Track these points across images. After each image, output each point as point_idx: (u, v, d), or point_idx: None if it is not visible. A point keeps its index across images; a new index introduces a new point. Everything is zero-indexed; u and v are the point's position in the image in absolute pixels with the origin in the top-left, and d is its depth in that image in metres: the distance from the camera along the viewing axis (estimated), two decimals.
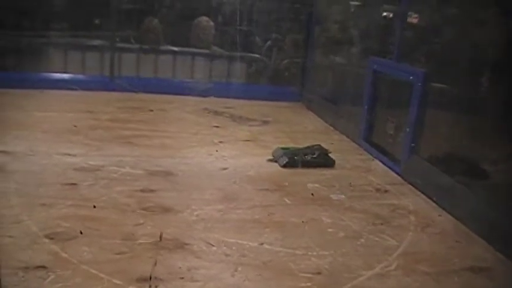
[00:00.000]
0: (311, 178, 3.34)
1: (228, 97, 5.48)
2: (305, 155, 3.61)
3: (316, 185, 3.23)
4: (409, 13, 3.83)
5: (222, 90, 5.62)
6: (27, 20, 5.38)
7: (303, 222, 2.68)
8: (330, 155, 3.72)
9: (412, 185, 3.38)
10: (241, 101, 5.41)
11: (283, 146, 3.78)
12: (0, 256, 2.01)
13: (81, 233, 2.31)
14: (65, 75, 5.44)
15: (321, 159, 3.64)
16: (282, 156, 3.57)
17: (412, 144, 3.50)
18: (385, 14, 4.38)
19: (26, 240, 2.21)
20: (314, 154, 3.65)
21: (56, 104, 4.71)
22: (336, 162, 3.70)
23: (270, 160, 3.60)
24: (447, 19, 3.54)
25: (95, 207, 2.60)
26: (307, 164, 3.55)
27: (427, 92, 3.43)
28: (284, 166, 3.50)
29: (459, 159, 3.19)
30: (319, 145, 3.81)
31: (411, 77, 3.53)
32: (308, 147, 3.75)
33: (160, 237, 2.34)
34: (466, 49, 3.23)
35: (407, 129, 3.54)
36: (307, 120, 5.07)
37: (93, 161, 3.27)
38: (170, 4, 6.03)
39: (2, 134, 3.51)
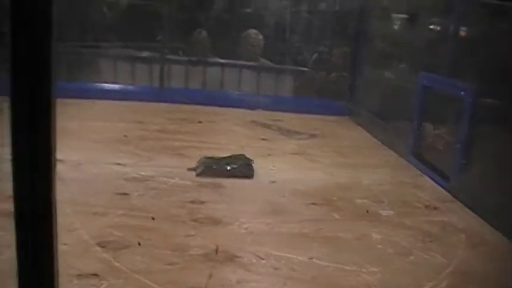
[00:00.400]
0: (360, 193, 3.33)
1: (275, 110, 5.50)
2: (226, 165, 3.47)
3: (365, 201, 3.21)
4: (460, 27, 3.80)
5: (270, 103, 5.64)
6: (79, 31, 5.51)
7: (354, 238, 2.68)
8: (253, 165, 3.56)
9: (461, 202, 3.33)
10: (289, 114, 5.43)
11: (209, 155, 3.64)
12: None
13: (139, 244, 2.34)
14: (116, 86, 5.55)
15: (241, 170, 3.46)
16: (201, 165, 3.46)
17: (462, 161, 3.46)
18: (432, 27, 4.35)
19: (79, 248, 2.26)
20: (235, 164, 3.50)
21: (106, 114, 4.80)
22: (384, 177, 3.68)
23: (190, 169, 3.45)
24: (500, 32, 3.49)
25: (153, 219, 2.63)
26: (224, 174, 3.38)
27: (478, 108, 3.38)
28: (199, 175, 3.35)
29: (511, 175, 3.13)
30: (243, 155, 3.66)
31: (462, 93, 3.49)
32: (231, 157, 3.61)
33: (216, 251, 2.35)
34: None
35: (458, 146, 3.50)
36: (355, 134, 5.05)
37: (144, 171, 3.33)
38: (218, 16, 6.10)
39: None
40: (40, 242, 1.19)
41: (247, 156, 3.63)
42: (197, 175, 3.34)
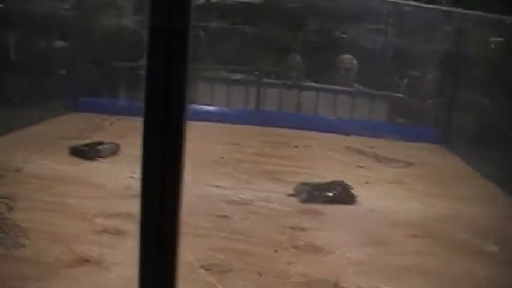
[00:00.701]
0: (460, 226, 3.24)
1: (368, 136, 5.46)
2: (326, 191, 3.43)
3: (467, 235, 3.13)
4: None
5: (363, 129, 5.60)
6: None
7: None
8: (352, 191, 3.53)
9: None
10: (382, 140, 5.36)
11: (305, 181, 3.64)
12: None
13: (260, 275, 2.36)
14: (212, 108, 5.67)
15: (342, 196, 3.43)
16: (303, 191, 3.43)
17: None
18: None
19: (183, 270, 2.31)
20: (336, 190, 3.46)
21: (203, 135, 4.90)
22: (485, 210, 3.58)
23: (291, 195, 3.45)
24: None
25: (276, 251, 2.63)
26: (326, 201, 3.35)
27: None
28: (303, 202, 3.33)
29: None
30: (342, 181, 3.63)
31: None
32: (329, 183, 3.59)
33: (336, 286, 2.35)
34: None
35: None
36: (450, 163, 4.94)
37: (243, 194, 3.38)
38: (312, 40, 6.13)
39: None
40: (164, 261, 1.24)
41: (345, 182, 3.62)
42: (301, 202, 3.34)
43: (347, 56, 6.02)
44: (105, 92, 5.80)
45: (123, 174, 3.51)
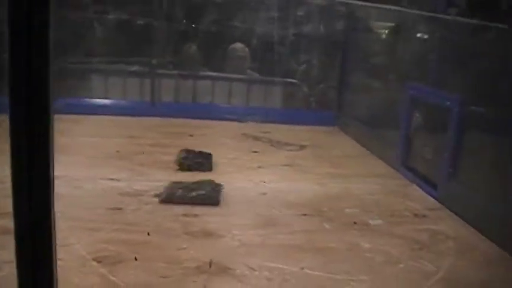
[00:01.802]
0: (349, 203, 3.38)
1: (264, 122, 5.56)
2: (192, 191, 3.25)
3: (355, 210, 3.27)
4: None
5: (259, 115, 5.69)
6: (70, 47, 5.55)
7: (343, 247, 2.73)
8: (222, 191, 3.37)
9: (450, 210, 3.39)
10: (278, 126, 5.49)
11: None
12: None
13: (135, 259, 2.39)
14: (107, 101, 5.60)
15: (207, 196, 3.22)
16: (166, 191, 3.26)
17: (450, 169, 3.52)
18: (419, 35, 4.42)
19: (75, 263, 2.31)
20: (203, 190, 3.27)
21: (99, 129, 4.85)
22: (374, 187, 3.75)
23: (156, 195, 3.25)
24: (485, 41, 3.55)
25: (148, 234, 2.67)
26: (188, 201, 3.15)
27: (465, 117, 3.45)
28: (162, 202, 3.15)
29: (498, 182, 3.18)
30: (212, 180, 3.47)
31: (448, 103, 3.56)
32: (199, 182, 3.40)
33: (210, 264, 2.40)
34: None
35: (445, 155, 3.56)
36: (343, 144, 5.12)
37: (137, 185, 3.38)
38: (207, 30, 6.15)
39: None
40: (40, 257, 1.24)
41: (217, 181, 3.49)
42: (160, 202, 3.15)
43: (239, 45, 6.08)
44: None
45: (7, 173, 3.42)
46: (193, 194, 3.22)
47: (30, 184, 1.22)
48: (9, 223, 2.68)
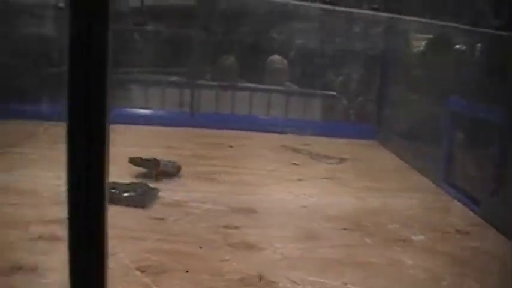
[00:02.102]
0: (390, 218, 3.35)
1: (303, 134, 5.54)
2: (124, 192, 3.24)
3: (396, 225, 3.23)
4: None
5: (298, 127, 5.68)
6: (112, 58, 5.62)
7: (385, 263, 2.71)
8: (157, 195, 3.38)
9: (494, 227, 3.33)
10: (317, 138, 5.46)
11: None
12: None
13: (187, 271, 2.39)
14: (147, 111, 5.66)
15: (135, 198, 3.22)
16: None
17: (493, 186, 3.47)
18: (459, 47, 4.37)
19: (119, 272, 2.33)
20: (134, 192, 3.28)
21: (138, 139, 4.89)
22: (414, 202, 3.71)
23: None
24: None
25: (201, 248, 2.67)
26: (116, 202, 3.10)
27: (509, 132, 3.40)
28: None
29: None
30: (145, 184, 3.48)
31: (491, 117, 3.51)
32: (130, 184, 3.42)
33: (260, 278, 2.39)
34: None
35: (488, 170, 3.51)
36: (383, 158, 5.08)
37: (178, 196, 3.40)
38: (244, 41, 6.18)
39: None
40: (92, 265, 1.26)
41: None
42: None
43: (277, 57, 6.10)
44: (38, 98, 5.70)
45: (58, 181, 3.48)
46: (125, 194, 3.22)
47: (87, 194, 1.24)
48: (56, 230, 2.75)
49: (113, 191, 3.18)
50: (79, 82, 1.15)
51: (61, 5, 5.45)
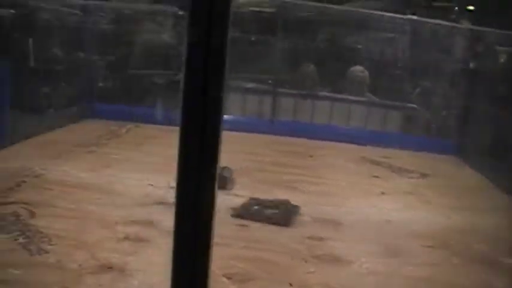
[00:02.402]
0: (476, 238, 3.26)
1: (383, 146, 5.47)
2: (268, 208, 3.25)
3: (483, 246, 3.14)
4: None
5: (378, 139, 5.61)
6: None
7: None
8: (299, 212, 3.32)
9: None
10: (397, 151, 5.38)
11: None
12: None
13: (290, 285, 2.38)
14: (228, 117, 5.70)
15: (280, 216, 3.19)
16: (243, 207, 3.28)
17: None
18: None
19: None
20: (277, 209, 3.25)
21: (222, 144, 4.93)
22: (501, 221, 3.58)
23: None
24: None
25: (291, 285, 2.49)
26: (261, 219, 3.13)
27: None
28: (234, 216, 3.16)
29: None
30: (288, 201, 3.42)
31: None
32: (274, 201, 3.39)
33: None
34: None
35: None
36: (466, 174, 4.95)
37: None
38: (325, 50, 6.16)
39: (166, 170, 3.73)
40: (196, 272, 1.28)
41: (294, 203, 3.45)
42: (232, 216, 3.16)
43: (358, 68, 6.05)
44: (122, 99, 5.85)
45: (141, 182, 3.56)
46: (269, 211, 3.21)
47: (196, 201, 1.26)
48: (141, 231, 2.79)
49: (256, 207, 3.25)
50: (196, 88, 1.16)
51: (181, 12, 5.64)
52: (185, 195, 1.27)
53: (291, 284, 2.37)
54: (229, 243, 2.73)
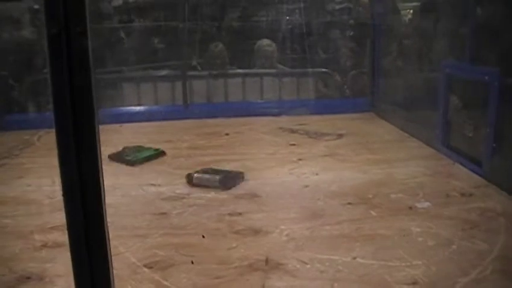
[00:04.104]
0: (394, 188, 3.34)
1: (300, 114, 5.52)
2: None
3: (400, 195, 3.22)
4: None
5: (293, 108, 5.66)
6: (101, 58, 5.61)
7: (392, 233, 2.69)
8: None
9: (497, 186, 3.32)
10: (313, 117, 5.44)
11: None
12: None
13: (192, 262, 2.38)
14: (141, 108, 5.64)
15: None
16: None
17: (494, 145, 3.45)
18: (447, 10, 4.33)
19: (127, 271, 2.32)
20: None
21: (135, 136, 4.87)
22: (417, 169, 3.69)
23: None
24: None
25: (204, 237, 2.66)
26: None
27: (505, 90, 3.38)
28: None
29: None
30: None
31: (486, 77, 3.48)
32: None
33: (266, 261, 2.39)
34: None
35: (487, 130, 3.49)
36: (380, 129, 5.05)
37: (179, 189, 3.38)
38: (231, 27, 6.16)
39: None
40: (96, 268, 1.25)
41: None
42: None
43: (266, 41, 6.07)
44: (30, 107, 5.68)
45: (57, 187, 3.46)
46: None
47: (83, 195, 1.23)
48: (60, 237, 2.73)
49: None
50: (62, 86, 1.13)
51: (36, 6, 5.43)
52: (70, 188, 1.24)
53: (192, 262, 2.38)
54: (149, 234, 2.70)
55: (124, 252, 2.49)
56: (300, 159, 3.96)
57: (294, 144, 4.42)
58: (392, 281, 2.20)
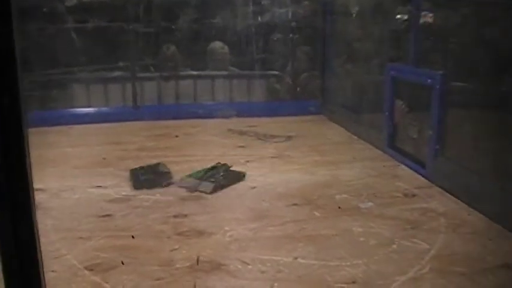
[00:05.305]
0: (339, 189, 3.38)
1: (250, 116, 5.55)
2: (220, 176, 3.51)
3: (344, 196, 3.27)
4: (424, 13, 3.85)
5: (244, 110, 5.69)
6: (48, 59, 5.53)
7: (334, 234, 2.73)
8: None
9: (439, 187, 3.40)
10: (264, 119, 5.48)
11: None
12: None
13: (122, 263, 2.38)
14: (90, 109, 5.57)
15: (233, 177, 3.55)
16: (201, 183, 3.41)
17: (437, 147, 3.52)
18: (398, 16, 4.39)
19: (68, 274, 2.30)
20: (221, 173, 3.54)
21: (84, 138, 4.83)
22: (362, 171, 3.75)
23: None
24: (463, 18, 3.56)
25: (133, 237, 2.67)
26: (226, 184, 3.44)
27: (447, 93, 3.46)
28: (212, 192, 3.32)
29: (486, 156, 3.18)
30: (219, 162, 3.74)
31: (429, 80, 3.56)
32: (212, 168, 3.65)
33: (197, 261, 2.40)
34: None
35: (430, 132, 3.56)
36: (329, 131, 5.11)
37: (125, 191, 3.36)
38: (184, 29, 6.13)
39: (36, 172, 3.60)
40: (27, 274, 1.23)
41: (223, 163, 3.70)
42: (210, 193, 3.30)
43: (218, 44, 6.06)
44: None
45: None
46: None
47: (12, 205, 1.21)
48: None
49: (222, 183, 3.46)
50: None
51: None
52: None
53: (122, 263, 2.37)
54: (92, 236, 2.68)
55: (66, 255, 2.47)
56: (247, 161, 3.98)
57: (242, 146, 4.44)
58: (331, 281, 2.23)
